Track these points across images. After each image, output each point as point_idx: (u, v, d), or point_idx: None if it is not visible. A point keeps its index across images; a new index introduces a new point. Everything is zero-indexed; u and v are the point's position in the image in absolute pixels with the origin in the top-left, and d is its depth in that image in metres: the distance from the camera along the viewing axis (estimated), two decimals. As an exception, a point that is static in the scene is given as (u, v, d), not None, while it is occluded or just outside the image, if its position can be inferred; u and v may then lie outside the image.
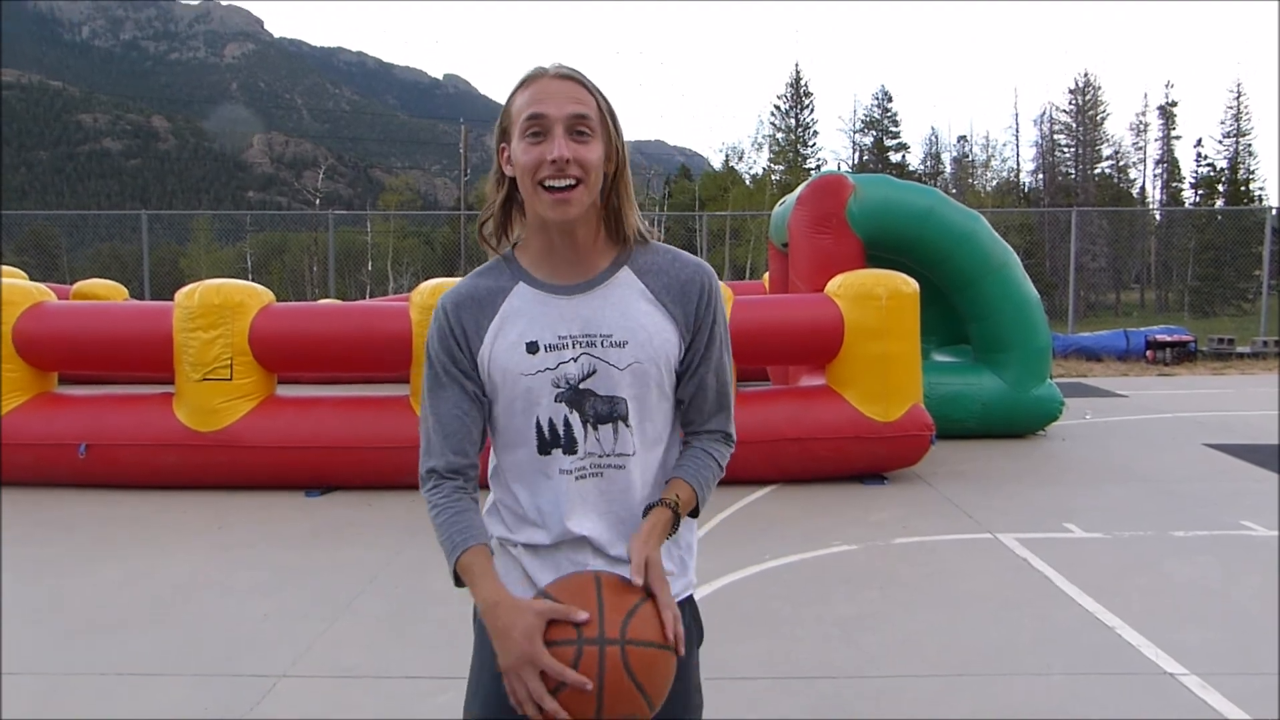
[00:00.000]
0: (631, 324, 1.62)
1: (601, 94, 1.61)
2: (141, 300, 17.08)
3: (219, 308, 6.35)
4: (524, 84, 1.59)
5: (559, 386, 1.61)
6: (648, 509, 1.63)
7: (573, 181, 1.53)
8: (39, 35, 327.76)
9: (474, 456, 1.69)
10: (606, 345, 1.61)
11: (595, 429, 1.63)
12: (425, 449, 1.69)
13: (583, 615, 1.42)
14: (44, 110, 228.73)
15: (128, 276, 23.50)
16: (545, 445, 1.64)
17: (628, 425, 1.64)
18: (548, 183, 1.52)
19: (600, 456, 1.63)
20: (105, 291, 12.64)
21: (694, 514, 1.71)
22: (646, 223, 1.71)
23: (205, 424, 6.34)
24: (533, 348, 1.61)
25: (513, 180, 1.61)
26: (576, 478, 1.64)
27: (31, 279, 9.48)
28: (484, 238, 1.69)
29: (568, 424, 1.62)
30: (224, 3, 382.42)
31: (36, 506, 6.12)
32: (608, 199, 1.62)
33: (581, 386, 1.60)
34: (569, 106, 1.54)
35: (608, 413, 1.63)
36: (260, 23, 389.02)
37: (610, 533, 1.66)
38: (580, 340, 1.61)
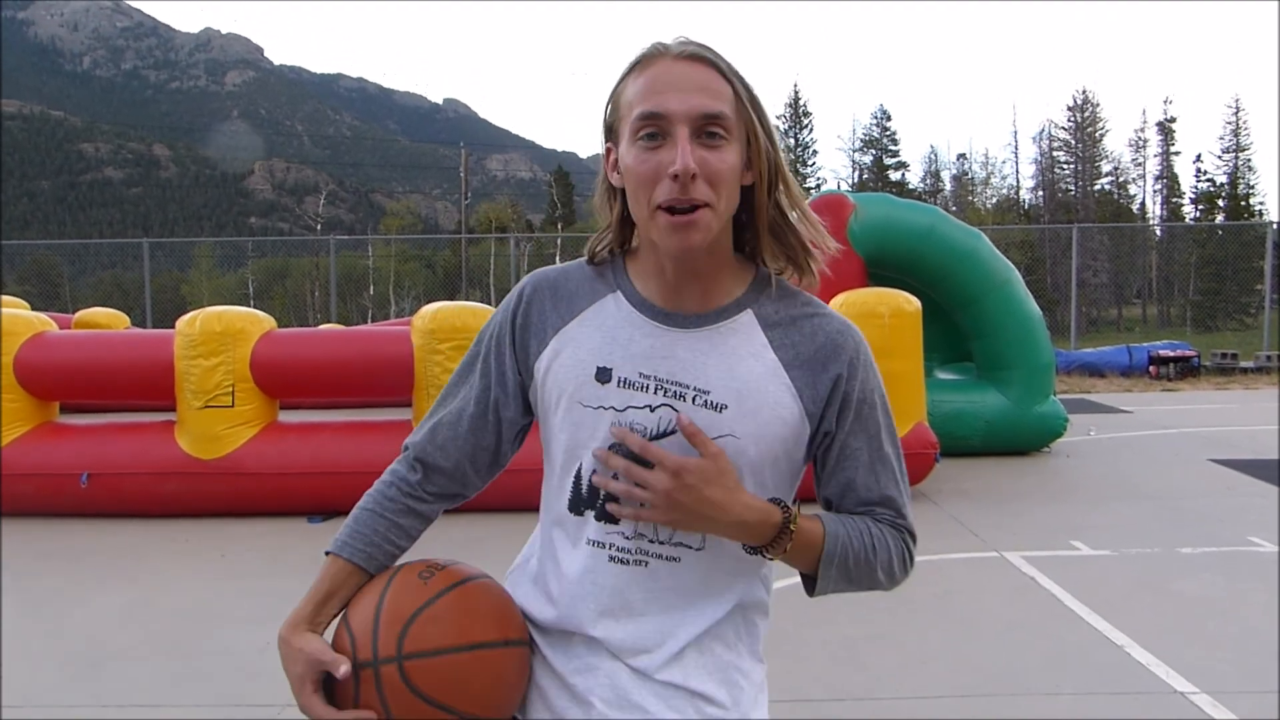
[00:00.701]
0: (740, 385, 1.24)
1: (741, 79, 1.22)
2: (144, 328, 17.11)
3: (220, 335, 6.35)
4: (637, 66, 1.22)
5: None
6: None
7: (699, 204, 1.16)
8: (40, 66, 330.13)
9: (452, 466, 1.39)
10: (699, 403, 1.23)
11: None
12: (421, 422, 1.42)
13: (343, 669, 1.20)
14: (46, 140, 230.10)
15: (130, 304, 23.58)
16: (579, 503, 1.29)
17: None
18: (666, 203, 1.17)
19: (650, 541, 1.25)
20: (106, 320, 12.67)
21: (812, 583, 1.30)
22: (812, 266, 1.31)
23: (207, 451, 6.33)
24: (604, 375, 1.25)
25: (624, 191, 1.26)
26: (611, 558, 1.27)
27: (34, 308, 9.51)
28: (601, 263, 1.36)
29: None
30: (224, 31, 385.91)
31: (38, 537, 6.10)
32: (759, 215, 1.26)
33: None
34: (696, 100, 1.17)
35: None
36: (260, 50, 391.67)
37: (642, 642, 1.26)
38: (666, 386, 1.24)
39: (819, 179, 57.15)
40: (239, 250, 56.96)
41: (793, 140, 57.17)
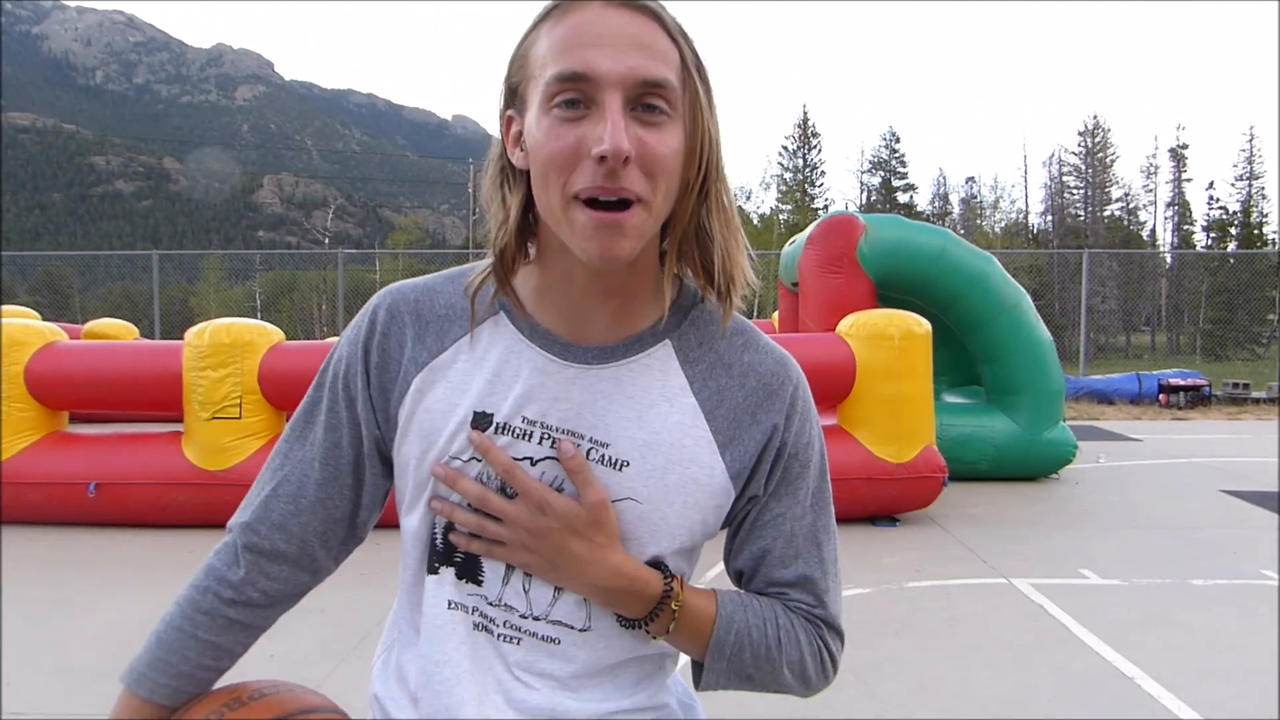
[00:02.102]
0: (648, 436, 0.99)
1: (689, 41, 0.93)
2: (152, 339, 17.13)
3: (229, 346, 6.35)
4: (555, 11, 0.91)
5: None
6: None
7: (631, 197, 0.89)
8: (53, 80, 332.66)
9: (296, 549, 1.10)
10: (594, 458, 0.99)
11: (527, 574, 1.01)
12: (248, 496, 1.14)
13: None
14: (57, 153, 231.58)
15: (138, 316, 23.63)
16: (434, 557, 1.04)
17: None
18: (587, 193, 0.88)
19: (522, 616, 1.02)
20: (116, 331, 12.70)
21: (707, 670, 1.04)
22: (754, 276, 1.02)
23: (214, 463, 6.32)
24: (482, 422, 0.99)
25: (529, 174, 0.96)
26: (476, 625, 1.02)
27: (45, 319, 9.52)
28: (501, 274, 1.01)
29: None
30: (235, 46, 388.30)
31: (46, 546, 6.08)
32: (679, 217, 0.95)
33: None
34: (634, 60, 0.87)
35: None
36: (271, 65, 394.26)
37: None
38: (556, 435, 0.99)
39: (827, 200, 57.30)
40: (247, 263, 57.27)
41: (801, 161, 57.36)
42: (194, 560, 5.90)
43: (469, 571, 1.02)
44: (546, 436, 0.98)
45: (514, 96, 0.96)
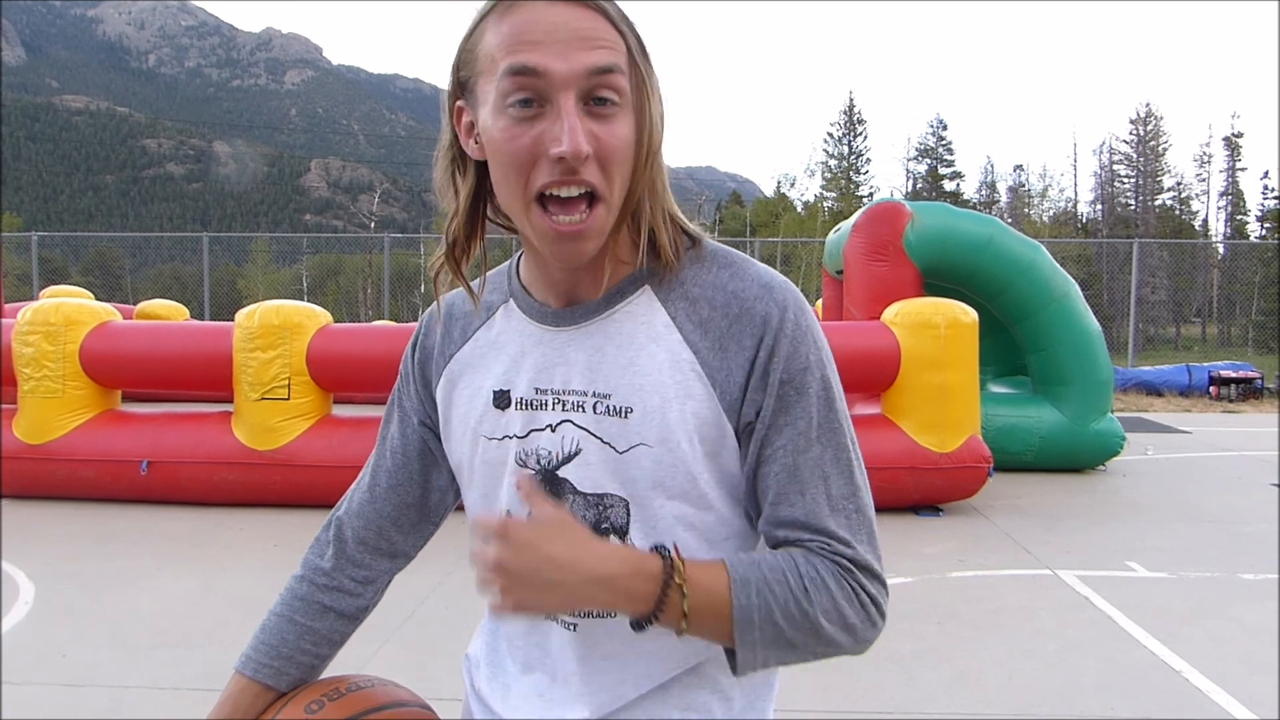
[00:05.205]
0: (642, 379, 0.99)
1: (633, 27, 0.94)
2: (201, 320, 17.42)
3: (278, 328, 6.44)
4: (499, 5, 0.93)
5: (525, 467, 1.03)
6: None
7: (585, 190, 0.91)
8: (107, 63, 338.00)
9: (375, 534, 1.21)
10: (601, 411, 1.00)
11: None
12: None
13: None
14: (111, 136, 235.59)
15: (188, 297, 24.00)
16: None
17: (625, 544, 1.01)
18: (550, 191, 0.91)
19: None
20: (166, 312, 12.91)
21: (733, 658, 0.96)
22: (691, 226, 1.06)
23: (263, 442, 6.43)
24: (501, 400, 1.05)
25: (481, 165, 0.99)
26: (561, 622, 1.06)
27: (97, 299, 9.72)
28: (453, 262, 1.04)
29: None
30: (285, 31, 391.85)
31: (99, 522, 6.23)
32: (633, 200, 0.97)
33: (560, 473, 1.01)
34: (583, 54, 0.89)
35: (593, 522, 1.01)
36: (319, 50, 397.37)
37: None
38: (564, 398, 1.02)
39: (872, 187, 56.76)
40: (294, 246, 57.96)
41: (846, 148, 56.85)
42: (242, 537, 6.05)
43: None
44: (557, 402, 1.02)
45: (463, 88, 0.97)
